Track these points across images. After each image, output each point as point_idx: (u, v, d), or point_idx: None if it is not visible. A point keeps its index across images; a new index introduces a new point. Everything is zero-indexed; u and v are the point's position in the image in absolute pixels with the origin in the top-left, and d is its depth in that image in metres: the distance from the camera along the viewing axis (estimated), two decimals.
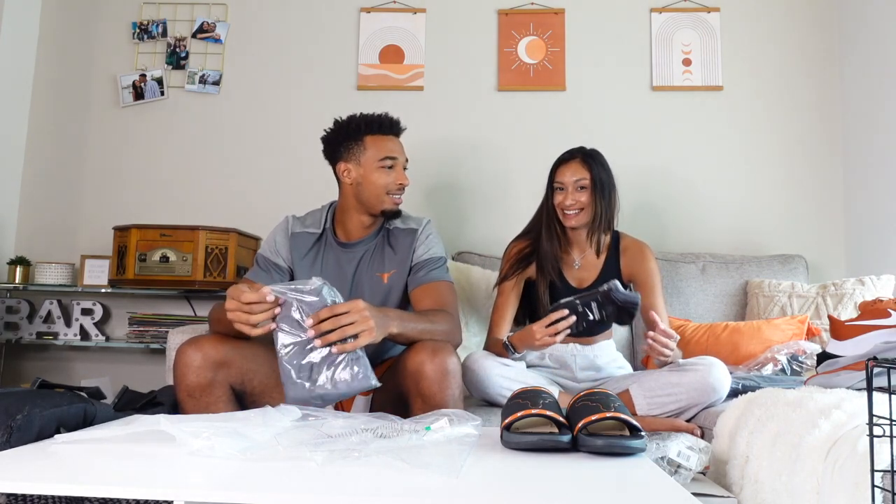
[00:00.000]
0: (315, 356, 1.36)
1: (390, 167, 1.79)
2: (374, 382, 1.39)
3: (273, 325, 1.37)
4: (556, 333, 1.75)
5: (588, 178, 2.00)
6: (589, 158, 2.03)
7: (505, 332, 2.04)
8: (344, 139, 1.81)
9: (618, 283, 1.76)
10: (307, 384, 1.35)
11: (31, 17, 2.92)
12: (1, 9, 2.74)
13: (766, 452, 1.20)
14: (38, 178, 2.89)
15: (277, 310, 1.38)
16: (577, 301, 1.76)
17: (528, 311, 2.12)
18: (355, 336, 1.38)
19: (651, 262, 2.08)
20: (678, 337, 1.80)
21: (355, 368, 1.37)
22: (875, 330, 1.31)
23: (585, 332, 1.79)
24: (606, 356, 2.09)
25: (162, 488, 0.89)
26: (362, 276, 1.81)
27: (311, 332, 1.35)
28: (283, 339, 1.37)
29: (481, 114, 2.85)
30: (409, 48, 2.88)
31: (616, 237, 2.12)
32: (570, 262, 2.10)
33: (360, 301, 1.42)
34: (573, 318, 1.74)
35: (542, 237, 2.06)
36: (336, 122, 1.84)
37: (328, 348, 1.36)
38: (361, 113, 1.83)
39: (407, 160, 1.85)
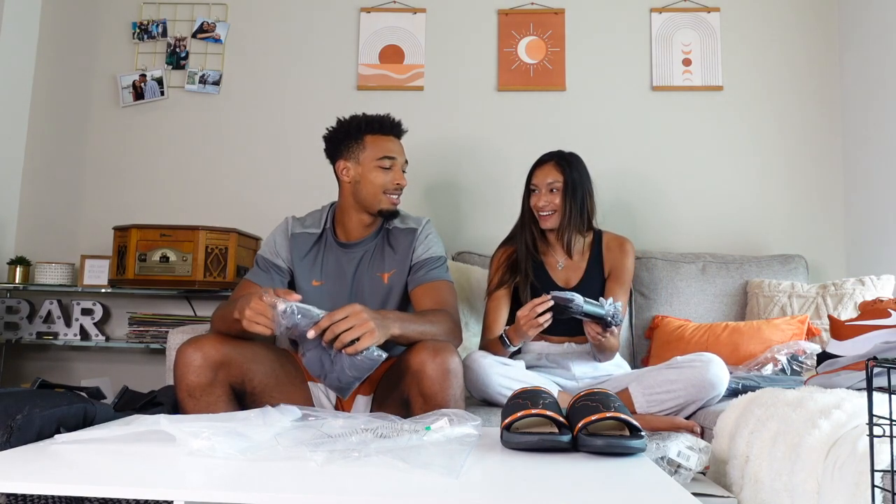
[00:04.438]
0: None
1: (388, 167, 1.80)
2: (377, 354, 1.43)
3: (269, 332, 1.44)
4: (538, 316, 1.78)
5: (560, 180, 2.05)
6: (563, 161, 2.08)
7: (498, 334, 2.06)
8: (344, 137, 1.82)
9: (578, 298, 1.76)
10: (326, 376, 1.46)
11: (31, 17, 2.92)
12: (1, 9, 2.74)
13: (766, 452, 1.20)
14: (38, 178, 2.89)
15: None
16: (553, 298, 1.78)
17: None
18: (357, 339, 1.41)
19: (626, 258, 2.12)
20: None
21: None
22: (875, 330, 1.31)
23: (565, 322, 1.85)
24: None
25: (162, 488, 0.89)
26: (362, 276, 1.81)
27: (312, 333, 1.40)
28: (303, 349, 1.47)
29: (481, 114, 2.85)
30: (409, 48, 2.88)
31: (598, 236, 2.16)
32: (553, 264, 2.13)
33: (356, 305, 1.45)
34: (551, 302, 1.77)
35: (523, 238, 2.11)
36: (338, 121, 1.85)
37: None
38: (364, 113, 1.85)
39: (406, 162, 1.86)
